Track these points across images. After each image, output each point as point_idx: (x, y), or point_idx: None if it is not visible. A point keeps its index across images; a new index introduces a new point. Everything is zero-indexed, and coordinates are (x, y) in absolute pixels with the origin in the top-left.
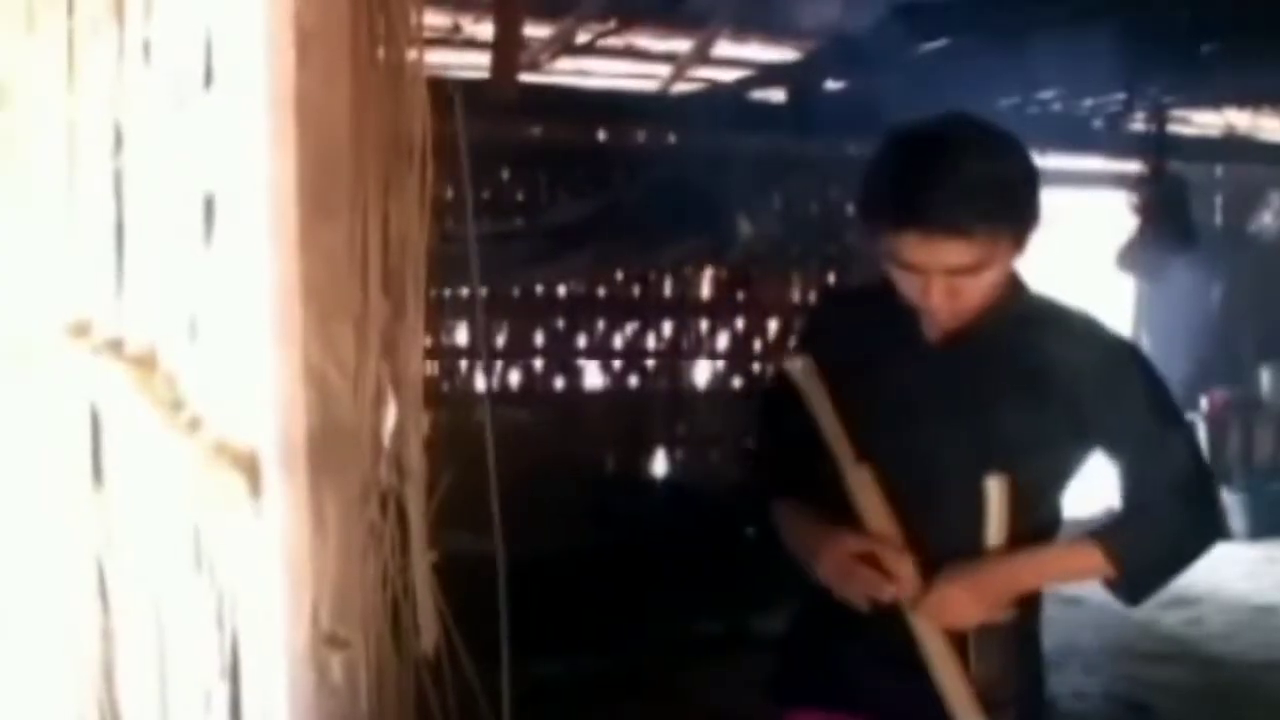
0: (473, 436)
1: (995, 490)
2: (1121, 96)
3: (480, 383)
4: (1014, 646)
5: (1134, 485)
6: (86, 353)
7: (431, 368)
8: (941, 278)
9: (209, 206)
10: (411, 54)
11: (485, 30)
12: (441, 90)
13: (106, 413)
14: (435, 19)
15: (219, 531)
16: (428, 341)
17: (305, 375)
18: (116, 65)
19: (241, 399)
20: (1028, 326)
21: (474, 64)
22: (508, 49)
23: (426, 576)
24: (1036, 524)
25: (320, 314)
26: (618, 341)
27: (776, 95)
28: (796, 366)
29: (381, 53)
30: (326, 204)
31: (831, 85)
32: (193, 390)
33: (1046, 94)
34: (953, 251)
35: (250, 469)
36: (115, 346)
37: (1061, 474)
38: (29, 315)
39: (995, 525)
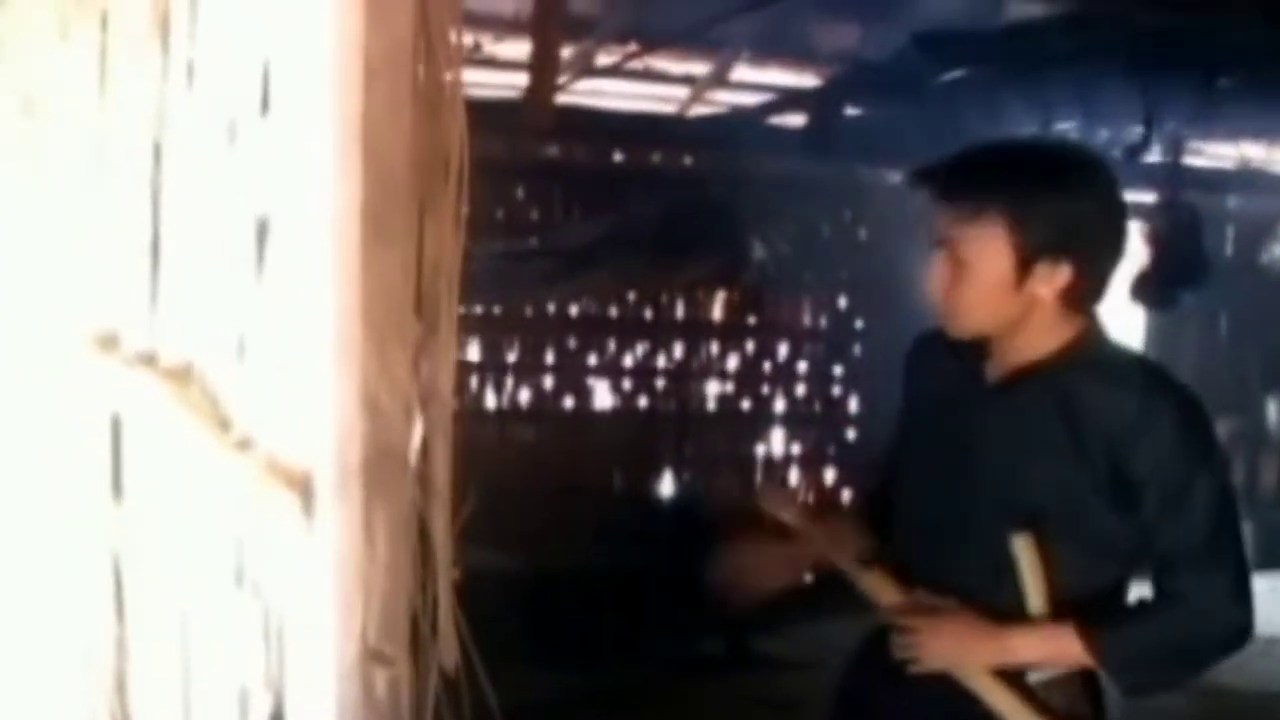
0: (482, 454)
1: (1024, 550)
2: (1139, 129)
3: (490, 400)
4: (1080, 695)
5: (1159, 568)
6: (115, 365)
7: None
8: (940, 256)
9: (261, 230)
10: (449, 75)
11: (505, 49)
12: (477, 111)
13: (133, 425)
14: None
15: (267, 549)
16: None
17: (362, 399)
18: (160, 83)
19: (295, 420)
20: (1091, 376)
21: (493, 83)
22: (544, 72)
23: (449, 594)
24: (1085, 590)
25: (378, 339)
26: (628, 361)
27: (794, 120)
28: (767, 499)
29: (421, 73)
30: (387, 231)
31: (850, 112)
32: (238, 409)
33: (1064, 125)
34: (943, 217)
35: (304, 489)
36: (149, 360)
37: (1106, 539)
38: (53, 325)
39: (1033, 588)
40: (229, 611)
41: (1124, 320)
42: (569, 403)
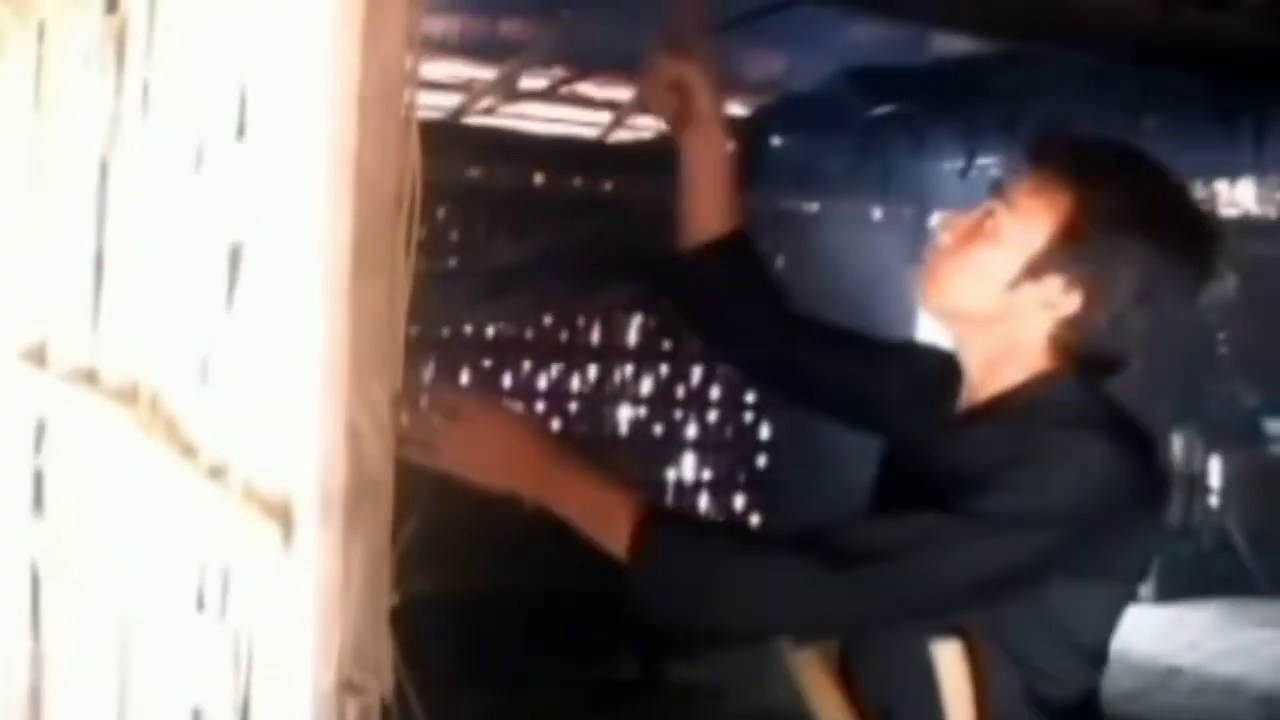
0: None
1: (945, 659)
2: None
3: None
4: None
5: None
6: (46, 380)
7: None
8: (972, 216)
9: (234, 255)
10: (405, 97)
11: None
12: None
13: (61, 440)
14: None
15: (240, 575)
16: None
17: (346, 428)
18: (112, 101)
19: (274, 448)
20: (1038, 421)
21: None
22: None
23: (385, 618)
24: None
25: (360, 368)
26: (542, 383)
27: None
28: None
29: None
30: (372, 260)
31: (773, 142)
32: (203, 434)
33: (987, 159)
34: (1015, 181)
35: (283, 518)
36: (89, 377)
37: (1060, 640)
38: None
39: (954, 702)
40: (187, 635)
41: None
42: None
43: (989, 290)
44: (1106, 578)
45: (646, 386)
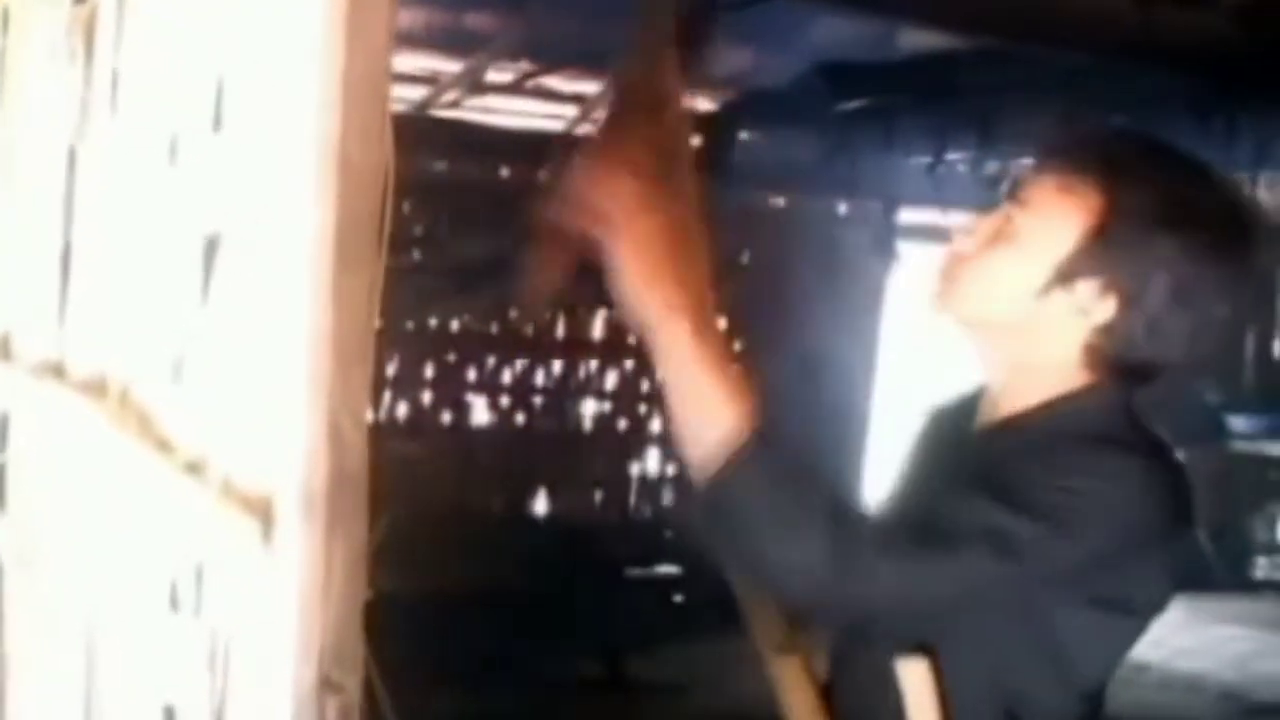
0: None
1: (911, 678)
2: (1029, 162)
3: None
4: None
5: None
6: (13, 373)
7: None
8: (992, 216)
9: (209, 249)
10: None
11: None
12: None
13: (24, 433)
14: None
15: (215, 573)
16: None
17: (328, 424)
18: (80, 91)
19: (255, 444)
20: (1069, 438)
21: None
22: None
23: (357, 617)
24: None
25: (342, 364)
26: (506, 378)
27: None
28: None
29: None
30: (357, 256)
31: (741, 136)
32: (178, 429)
33: (955, 155)
34: (1034, 179)
35: (264, 514)
36: (55, 371)
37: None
38: None
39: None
40: (160, 634)
41: None
42: (446, 420)
43: (1016, 298)
44: (1118, 609)
45: (611, 381)
